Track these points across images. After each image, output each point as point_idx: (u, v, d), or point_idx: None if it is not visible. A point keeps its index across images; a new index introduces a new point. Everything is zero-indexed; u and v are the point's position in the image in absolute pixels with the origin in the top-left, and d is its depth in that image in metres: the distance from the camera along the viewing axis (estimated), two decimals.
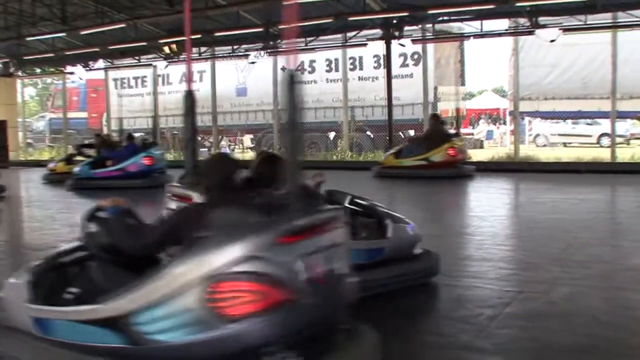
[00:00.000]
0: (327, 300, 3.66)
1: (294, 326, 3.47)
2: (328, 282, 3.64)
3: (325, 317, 3.74)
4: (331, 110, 24.08)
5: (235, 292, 3.36)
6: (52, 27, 20.70)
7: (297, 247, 3.49)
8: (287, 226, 3.49)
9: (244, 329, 3.34)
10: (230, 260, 3.35)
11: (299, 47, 18.59)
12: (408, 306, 5.86)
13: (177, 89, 26.80)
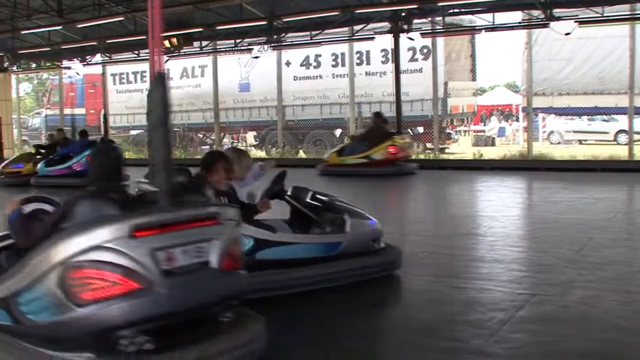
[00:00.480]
0: (187, 291, 3.94)
1: (145, 313, 3.79)
2: (190, 274, 3.96)
3: (189, 308, 4.00)
4: (337, 107, 23.52)
5: (86, 279, 3.72)
6: (48, 20, 20.23)
7: (152, 241, 3.82)
8: (142, 220, 3.83)
9: (96, 313, 3.72)
10: (81, 249, 3.72)
11: (304, 42, 18.39)
12: (418, 308, 5.79)
13: (177, 85, 26.35)
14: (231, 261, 4.18)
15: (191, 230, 4.02)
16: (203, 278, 4.05)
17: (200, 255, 4.03)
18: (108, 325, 3.76)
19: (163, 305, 3.85)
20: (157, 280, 3.79)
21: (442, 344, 4.78)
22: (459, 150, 24.09)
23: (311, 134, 24.10)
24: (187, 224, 4.02)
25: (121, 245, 3.74)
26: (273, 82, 23.78)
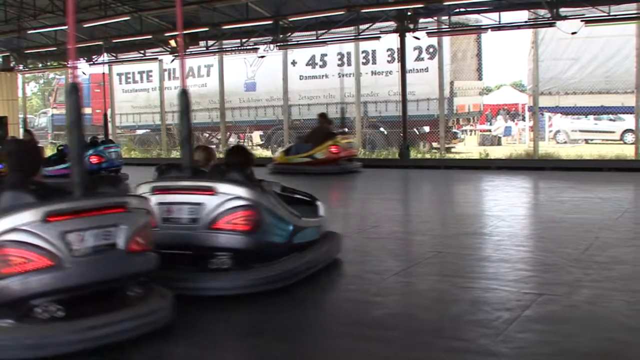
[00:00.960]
0: (93, 268, 4.60)
1: (55, 286, 4.46)
2: (97, 253, 4.60)
3: (95, 282, 4.65)
4: (343, 106, 23.44)
5: (5, 256, 4.37)
6: (54, 19, 20.30)
7: (63, 225, 4.48)
8: (54, 207, 4.51)
9: (12, 284, 4.36)
10: (1, 230, 4.38)
11: (309, 41, 18.38)
12: (423, 307, 5.71)
13: None
14: (138, 244, 4.82)
15: (100, 217, 4.67)
16: (109, 257, 4.68)
17: (108, 237, 4.67)
18: (24, 295, 4.41)
19: (71, 279, 4.51)
20: (66, 258, 4.46)
21: (447, 344, 4.73)
22: (465, 150, 24.06)
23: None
24: (96, 211, 4.68)
25: (35, 228, 4.40)
26: (279, 82, 23.77)
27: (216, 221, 5.84)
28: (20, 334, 4.44)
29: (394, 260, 7.49)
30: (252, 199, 5.92)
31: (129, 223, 4.79)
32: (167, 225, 5.89)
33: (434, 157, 20.70)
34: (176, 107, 21.14)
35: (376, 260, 7.39)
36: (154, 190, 6.00)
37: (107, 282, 4.75)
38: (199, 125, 26.58)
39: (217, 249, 5.88)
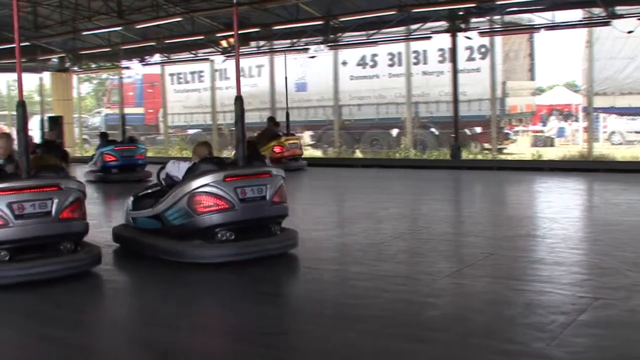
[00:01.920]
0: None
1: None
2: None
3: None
4: (394, 106, 23.37)
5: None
6: (108, 21, 20.55)
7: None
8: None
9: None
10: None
11: (360, 41, 18.36)
12: (475, 309, 5.62)
13: (234, 84, 26.48)
14: (69, 213, 6.58)
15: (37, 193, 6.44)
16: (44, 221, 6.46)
17: (44, 207, 6.43)
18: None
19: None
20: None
21: (501, 346, 4.66)
22: (517, 151, 23.78)
23: (367, 134, 24.04)
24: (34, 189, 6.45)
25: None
26: (329, 82, 23.80)
27: (274, 196, 7.52)
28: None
29: (445, 261, 7.42)
30: (284, 177, 7.82)
31: (60, 198, 6.58)
32: (245, 204, 7.25)
33: (486, 158, 20.50)
34: (227, 107, 21.79)
35: (428, 262, 7.33)
36: (225, 178, 7.19)
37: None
38: (250, 125, 26.69)
39: (277, 218, 7.67)
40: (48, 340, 5.06)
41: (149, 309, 5.95)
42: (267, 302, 5.96)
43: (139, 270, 7.44)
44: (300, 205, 12.42)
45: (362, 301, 5.83)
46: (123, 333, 5.28)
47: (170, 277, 6.85)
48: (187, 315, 5.66)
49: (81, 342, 5.02)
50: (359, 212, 11.11)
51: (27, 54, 24.10)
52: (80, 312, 5.86)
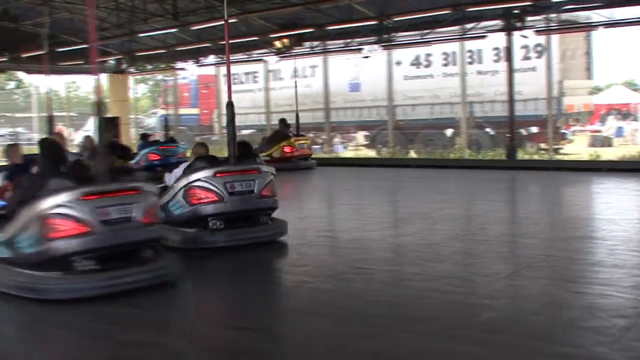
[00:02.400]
0: (117, 234, 6.26)
1: (90, 246, 6.12)
2: (118, 223, 6.26)
3: (118, 244, 6.32)
4: (448, 106, 23.18)
5: (55, 224, 6.03)
6: (164, 23, 20.75)
7: (94, 202, 6.15)
8: (87, 190, 6.19)
9: (60, 245, 6.05)
10: (51, 205, 6.06)
11: (413, 41, 18.26)
12: (532, 312, 5.55)
13: (288, 85, 26.62)
14: (150, 217, 6.53)
15: (120, 197, 6.37)
16: (129, 226, 6.35)
17: (124, 211, 6.34)
18: (68, 252, 6.06)
19: (101, 241, 6.16)
20: (97, 226, 6.16)
21: (561, 350, 4.59)
22: (574, 151, 23.42)
23: (422, 134, 23.91)
24: (116, 193, 6.41)
25: (77, 204, 6.13)
26: (383, 82, 23.74)
27: (262, 190, 8.42)
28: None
29: (502, 263, 7.34)
30: (274, 173, 8.76)
31: (138, 201, 6.47)
32: (234, 197, 8.15)
33: (542, 159, 20.22)
34: (281, 107, 22.00)
35: (484, 263, 7.26)
36: (215, 174, 8.15)
37: (131, 245, 6.47)
38: (304, 125, 26.77)
39: (265, 210, 8.51)
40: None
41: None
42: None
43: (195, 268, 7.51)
44: (354, 205, 12.42)
45: (417, 302, 5.80)
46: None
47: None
48: (254, 316, 5.69)
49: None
50: (414, 212, 11.05)
51: (84, 56, 24.48)
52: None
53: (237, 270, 7.53)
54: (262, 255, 8.02)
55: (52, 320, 5.70)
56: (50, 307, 5.95)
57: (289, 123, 20.65)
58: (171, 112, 30.55)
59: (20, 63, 23.78)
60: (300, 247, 8.33)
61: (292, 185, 16.77)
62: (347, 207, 12.30)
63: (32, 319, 5.87)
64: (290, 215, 10.60)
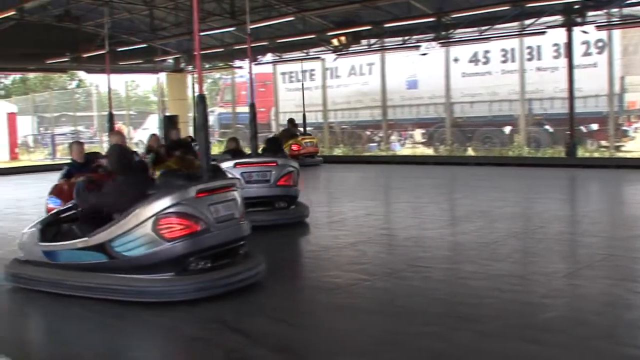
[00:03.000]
0: (227, 231, 6.27)
1: (207, 244, 6.08)
2: (226, 221, 6.27)
3: (229, 242, 6.32)
4: (507, 103, 22.88)
5: (172, 223, 5.90)
6: (221, 22, 20.98)
7: (207, 200, 6.13)
8: (201, 187, 6.13)
9: (176, 245, 5.89)
10: (166, 205, 5.91)
11: (472, 37, 18.10)
12: (593, 311, 5.45)
13: (345, 83, 26.66)
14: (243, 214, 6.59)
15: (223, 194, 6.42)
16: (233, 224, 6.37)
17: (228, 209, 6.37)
18: (183, 253, 5.94)
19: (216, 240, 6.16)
20: (212, 224, 6.12)
21: (623, 350, 4.53)
22: (636, 148, 22.96)
23: (480, 132, 23.69)
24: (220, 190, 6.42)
25: (191, 202, 6.06)
26: (441, 79, 23.56)
27: (279, 179, 9.99)
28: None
29: (562, 261, 7.26)
30: (296, 166, 10.33)
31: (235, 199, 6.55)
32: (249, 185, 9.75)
33: (603, 156, 19.88)
34: (338, 105, 22.05)
35: (543, 262, 7.17)
36: (235, 165, 9.88)
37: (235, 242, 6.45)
38: (361, 123, 26.78)
39: (281, 197, 10.04)
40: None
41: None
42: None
43: None
44: (412, 203, 12.39)
45: (476, 301, 5.76)
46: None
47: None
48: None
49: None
50: (472, 210, 10.98)
51: (144, 56, 24.89)
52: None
53: (289, 265, 7.59)
54: (320, 253, 8.06)
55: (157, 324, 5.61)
56: (149, 309, 5.78)
57: (296, 123, 22.48)
58: (229, 110, 30.81)
59: (82, 63, 24.22)
60: (357, 244, 8.34)
61: (350, 182, 16.82)
62: (405, 205, 12.28)
63: (133, 323, 5.68)
64: (347, 213, 10.62)
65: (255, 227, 7.20)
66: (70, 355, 4.89)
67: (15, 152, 30.05)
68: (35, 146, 35.98)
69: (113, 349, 5.04)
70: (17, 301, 6.56)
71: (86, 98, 39.43)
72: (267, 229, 9.32)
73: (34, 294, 6.49)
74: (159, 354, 5.16)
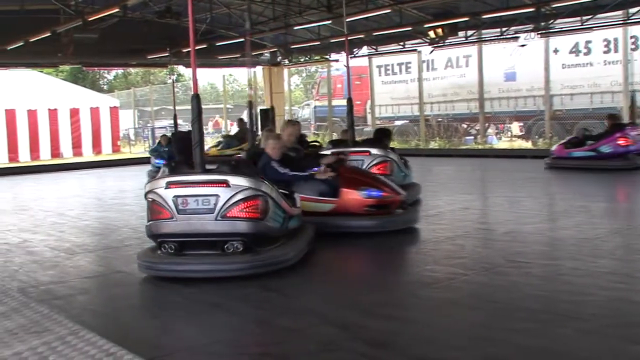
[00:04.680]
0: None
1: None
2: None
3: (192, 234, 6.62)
4: (609, 95, 22.23)
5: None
6: (318, 15, 21.00)
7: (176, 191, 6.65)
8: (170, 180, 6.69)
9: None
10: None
11: (573, 27, 17.53)
12: None
13: (442, 75, 26.37)
14: (237, 211, 6.50)
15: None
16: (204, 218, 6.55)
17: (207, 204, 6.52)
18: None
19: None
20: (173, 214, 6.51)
21: None
22: None
23: (580, 124, 23.07)
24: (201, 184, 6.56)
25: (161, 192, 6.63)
26: (540, 71, 23.05)
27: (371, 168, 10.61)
28: None
29: None
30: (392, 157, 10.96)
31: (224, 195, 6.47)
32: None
33: None
34: (434, 98, 21.88)
35: None
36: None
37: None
38: (458, 116, 26.47)
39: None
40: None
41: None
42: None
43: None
44: (509, 197, 12.17)
45: (577, 298, 5.59)
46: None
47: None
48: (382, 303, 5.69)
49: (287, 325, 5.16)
50: (571, 205, 10.71)
51: (241, 50, 25.17)
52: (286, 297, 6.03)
53: (386, 259, 7.54)
54: (417, 247, 8.00)
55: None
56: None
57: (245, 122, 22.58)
58: (325, 103, 30.92)
59: (181, 57, 24.69)
60: (455, 239, 8.24)
61: (446, 176, 16.64)
62: (502, 199, 12.06)
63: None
64: (444, 207, 10.51)
65: None
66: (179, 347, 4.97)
67: (118, 145, 30.89)
68: (136, 139, 36.92)
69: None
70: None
71: (184, 92, 40.18)
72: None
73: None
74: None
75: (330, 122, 29.78)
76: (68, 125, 28.90)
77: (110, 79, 57.86)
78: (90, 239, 9.43)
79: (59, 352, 4.39)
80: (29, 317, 5.22)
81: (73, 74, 49.27)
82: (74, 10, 18.71)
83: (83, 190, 17.13)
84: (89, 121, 29.54)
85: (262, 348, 4.83)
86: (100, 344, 4.50)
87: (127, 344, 4.50)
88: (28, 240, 9.19)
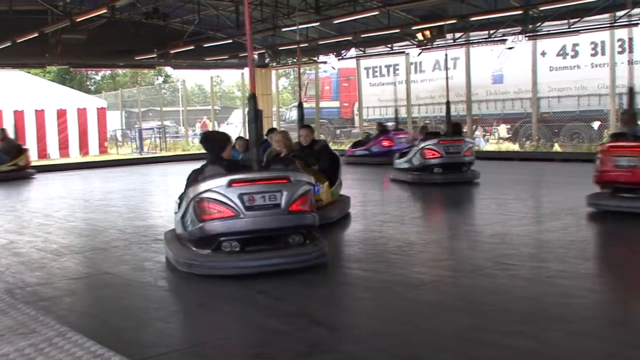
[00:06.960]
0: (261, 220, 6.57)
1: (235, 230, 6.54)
2: (264, 210, 6.57)
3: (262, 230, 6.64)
4: (596, 98, 22.33)
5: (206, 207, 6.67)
6: (306, 17, 20.99)
7: (241, 188, 6.57)
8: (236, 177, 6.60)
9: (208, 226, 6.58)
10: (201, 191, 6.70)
11: (560, 30, 17.55)
12: None
13: (430, 77, 26.41)
14: (298, 205, 6.65)
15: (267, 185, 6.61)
16: (273, 214, 6.56)
17: (273, 199, 6.56)
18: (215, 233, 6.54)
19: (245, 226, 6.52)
20: (241, 211, 6.48)
21: None
22: None
23: (567, 127, 23.17)
24: (265, 180, 6.64)
25: (222, 190, 6.48)
26: (527, 74, 23.12)
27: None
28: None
29: None
30: None
31: (288, 190, 6.64)
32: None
33: None
34: (422, 100, 21.88)
35: None
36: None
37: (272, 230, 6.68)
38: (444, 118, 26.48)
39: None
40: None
41: None
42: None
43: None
44: (496, 199, 12.20)
45: (565, 300, 5.60)
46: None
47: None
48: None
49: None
50: (559, 207, 10.75)
51: (229, 51, 25.13)
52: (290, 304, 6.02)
53: (373, 261, 7.54)
54: (403, 248, 7.99)
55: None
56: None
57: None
58: (313, 105, 30.94)
59: (168, 59, 24.65)
60: (442, 240, 8.25)
61: None
62: (490, 201, 12.08)
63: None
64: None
65: None
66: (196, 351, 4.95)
67: (105, 146, 30.82)
68: (123, 140, 36.84)
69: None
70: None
71: (172, 93, 40.15)
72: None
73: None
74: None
75: (318, 124, 29.76)
76: (55, 126, 28.84)
77: (97, 80, 57.70)
78: (77, 240, 9.38)
79: (46, 353, 4.36)
80: (15, 319, 5.17)
81: (60, 75, 49.13)
82: (62, 11, 18.67)
83: (70, 191, 17.04)
84: (76, 122, 29.46)
85: (252, 349, 4.82)
86: (88, 345, 4.46)
87: (115, 346, 4.47)
88: (14, 241, 9.13)
